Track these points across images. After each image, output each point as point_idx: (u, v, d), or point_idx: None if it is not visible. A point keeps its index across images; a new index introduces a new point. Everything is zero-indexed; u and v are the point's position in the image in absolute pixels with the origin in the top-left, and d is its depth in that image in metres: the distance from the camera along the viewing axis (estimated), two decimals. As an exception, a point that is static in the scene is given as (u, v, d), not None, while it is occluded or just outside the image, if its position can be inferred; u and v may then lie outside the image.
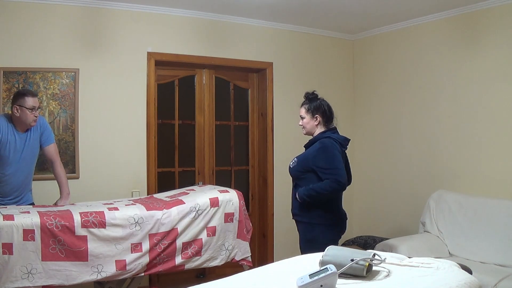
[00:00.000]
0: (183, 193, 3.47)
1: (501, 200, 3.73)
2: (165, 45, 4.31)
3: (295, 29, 4.94)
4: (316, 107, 3.17)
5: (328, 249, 1.93)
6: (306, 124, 3.21)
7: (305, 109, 3.20)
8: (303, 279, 1.69)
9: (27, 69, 3.76)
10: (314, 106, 3.17)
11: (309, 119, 3.18)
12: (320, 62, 5.14)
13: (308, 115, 3.18)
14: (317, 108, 3.17)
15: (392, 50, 4.91)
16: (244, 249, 3.38)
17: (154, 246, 2.98)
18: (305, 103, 3.22)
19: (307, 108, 3.19)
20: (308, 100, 3.21)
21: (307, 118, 3.19)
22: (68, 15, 3.91)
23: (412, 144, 4.68)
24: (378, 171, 5.06)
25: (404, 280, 1.77)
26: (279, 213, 4.79)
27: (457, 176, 4.26)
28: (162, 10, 4.26)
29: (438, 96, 4.43)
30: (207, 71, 4.69)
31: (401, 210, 4.77)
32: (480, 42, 4.06)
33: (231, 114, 4.90)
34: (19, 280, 2.57)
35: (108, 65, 4.07)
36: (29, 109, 3.09)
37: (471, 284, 1.76)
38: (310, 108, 3.18)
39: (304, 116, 3.20)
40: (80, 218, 2.78)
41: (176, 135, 4.57)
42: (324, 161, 3.02)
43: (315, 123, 3.18)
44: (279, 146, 4.85)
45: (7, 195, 3.18)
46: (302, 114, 3.21)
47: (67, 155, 3.90)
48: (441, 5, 4.14)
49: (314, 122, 3.18)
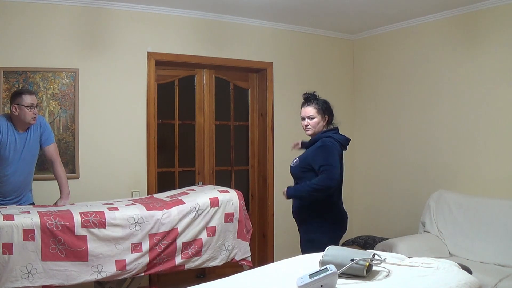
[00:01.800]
0: (183, 193, 3.47)
1: (501, 200, 3.73)
2: (165, 45, 4.31)
3: (295, 29, 4.94)
4: (326, 107, 3.11)
5: (328, 249, 1.93)
6: (315, 124, 3.10)
7: (316, 109, 3.09)
8: (303, 279, 1.69)
9: (27, 69, 3.76)
10: (325, 107, 3.10)
11: (319, 119, 3.10)
12: (320, 62, 5.14)
13: (319, 115, 3.09)
14: (326, 108, 3.11)
15: (392, 50, 4.91)
16: (244, 249, 3.38)
17: (154, 246, 2.98)
18: (314, 103, 3.11)
19: (318, 108, 3.09)
20: (316, 100, 3.13)
21: (318, 118, 3.09)
22: (68, 15, 3.91)
23: (412, 144, 4.67)
24: (378, 171, 5.06)
25: (404, 280, 1.77)
26: (279, 213, 4.79)
27: (457, 176, 4.26)
28: (162, 10, 4.26)
29: (438, 96, 4.43)
30: (207, 71, 4.69)
31: (401, 210, 4.77)
32: (480, 42, 4.06)
33: (231, 114, 4.90)
34: (19, 280, 2.57)
35: (108, 65, 4.07)
36: (27, 107, 3.09)
37: (471, 284, 1.76)
38: (322, 108, 3.09)
39: (314, 116, 3.09)
40: (80, 218, 2.78)
41: (176, 135, 4.57)
42: (321, 158, 3.00)
43: (323, 123, 3.12)
44: (279, 146, 4.85)
45: (7, 195, 3.18)
46: (312, 114, 3.09)
47: (67, 155, 3.90)
48: (441, 5, 4.14)
49: (323, 123, 3.12)
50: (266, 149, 4.86)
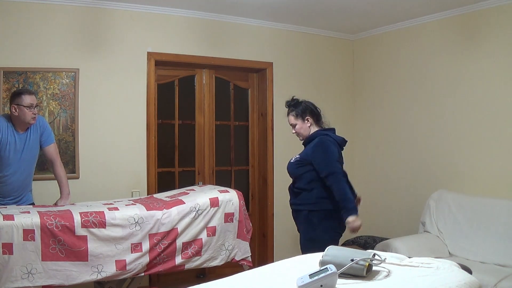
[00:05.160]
0: (183, 193, 3.47)
1: (501, 200, 3.73)
2: (165, 45, 4.31)
3: (295, 29, 4.94)
4: (303, 110, 3.20)
5: (328, 249, 1.93)
6: (299, 129, 3.22)
7: (293, 116, 3.22)
8: (303, 279, 1.70)
9: (27, 69, 3.76)
10: (301, 110, 3.20)
11: (301, 123, 3.21)
12: (320, 62, 5.14)
13: (298, 120, 3.20)
14: (304, 111, 3.20)
15: (392, 50, 4.90)
16: (244, 249, 3.38)
17: (154, 246, 2.98)
18: (290, 110, 3.23)
19: (295, 114, 3.21)
20: (293, 107, 3.23)
21: (299, 123, 3.21)
22: (68, 15, 3.91)
23: (412, 144, 4.67)
24: (378, 171, 5.06)
25: (404, 280, 1.77)
26: (279, 213, 4.79)
27: (457, 176, 4.26)
28: (162, 10, 4.26)
29: (438, 96, 4.42)
30: (207, 71, 4.69)
31: (401, 210, 4.76)
32: (480, 42, 4.06)
33: (231, 114, 4.90)
34: (19, 280, 2.57)
35: (108, 65, 4.06)
36: (27, 107, 3.09)
37: (471, 284, 1.76)
38: (298, 113, 3.20)
39: (294, 123, 3.22)
40: (80, 218, 2.78)
41: (176, 135, 4.57)
42: (321, 155, 3.06)
43: (308, 125, 3.20)
44: (279, 146, 4.85)
45: (7, 195, 3.18)
46: (292, 122, 3.22)
47: (67, 155, 3.90)
48: (441, 5, 4.14)
49: (307, 125, 3.20)
50: (266, 149, 4.86)
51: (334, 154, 3.06)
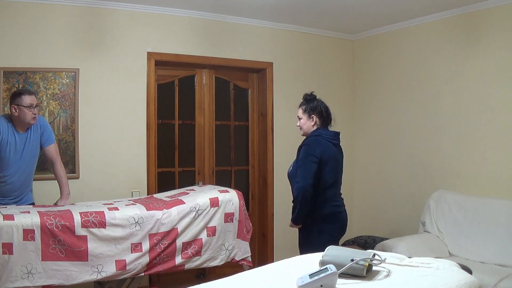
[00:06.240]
0: (183, 193, 3.47)
1: (501, 200, 3.73)
2: (165, 45, 4.31)
3: (295, 29, 4.94)
4: (312, 108, 3.19)
5: (328, 249, 1.93)
6: (302, 124, 3.23)
7: (302, 109, 3.22)
8: (303, 279, 1.69)
9: (27, 69, 3.76)
10: (311, 107, 3.20)
11: (306, 119, 3.21)
12: (320, 62, 5.14)
13: (305, 115, 3.21)
14: (313, 109, 3.19)
15: (392, 50, 4.91)
16: (244, 249, 3.38)
17: (154, 246, 2.98)
18: (302, 104, 3.24)
19: (304, 108, 3.21)
20: (305, 101, 3.23)
21: (304, 118, 3.21)
22: (68, 15, 3.91)
23: (412, 144, 4.67)
24: (378, 171, 5.06)
25: (404, 280, 1.77)
26: (279, 213, 4.79)
27: (457, 176, 4.26)
28: (162, 10, 4.26)
29: (438, 96, 4.42)
30: (207, 71, 4.69)
31: (401, 210, 4.76)
32: (480, 42, 4.06)
33: (231, 114, 4.90)
34: (19, 280, 2.57)
35: (108, 65, 4.06)
36: (27, 107, 3.09)
37: (471, 284, 1.76)
38: (307, 109, 3.20)
39: (301, 116, 3.23)
40: (80, 218, 2.78)
41: (176, 135, 4.57)
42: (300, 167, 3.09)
43: (312, 124, 3.20)
44: (279, 146, 4.85)
45: (8, 195, 3.18)
46: (299, 115, 3.24)
47: (67, 155, 3.90)
48: (441, 5, 4.14)
49: (311, 123, 3.20)
50: (266, 149, 4.86)
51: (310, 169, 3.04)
